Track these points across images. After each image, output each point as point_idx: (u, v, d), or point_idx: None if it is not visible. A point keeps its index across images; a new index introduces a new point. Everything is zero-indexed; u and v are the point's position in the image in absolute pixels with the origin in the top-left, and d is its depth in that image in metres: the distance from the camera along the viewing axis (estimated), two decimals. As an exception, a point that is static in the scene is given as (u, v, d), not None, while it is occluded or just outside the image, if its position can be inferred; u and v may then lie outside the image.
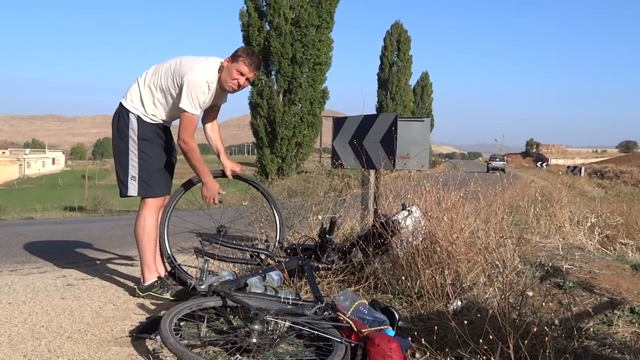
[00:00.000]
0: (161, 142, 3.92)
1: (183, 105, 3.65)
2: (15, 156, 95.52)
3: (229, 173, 4.20)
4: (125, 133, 3.81)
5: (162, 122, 3.89)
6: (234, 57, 3.76)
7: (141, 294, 3.88)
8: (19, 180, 77.42)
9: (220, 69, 3.79)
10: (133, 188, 3.83)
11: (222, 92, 3.91)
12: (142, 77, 3.84)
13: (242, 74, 3.77)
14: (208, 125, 4.22)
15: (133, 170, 3.82)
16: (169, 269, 4.06)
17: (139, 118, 3.79)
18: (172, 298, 3.81)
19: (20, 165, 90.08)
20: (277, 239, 4.25)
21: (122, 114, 3.83)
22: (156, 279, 3.88)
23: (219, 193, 3.89)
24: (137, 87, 3.82)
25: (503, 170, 36.59)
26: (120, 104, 3.85)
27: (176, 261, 4.07)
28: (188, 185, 4.16)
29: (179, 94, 3.67)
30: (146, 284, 3.88)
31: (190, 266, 4.43)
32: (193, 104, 3.66)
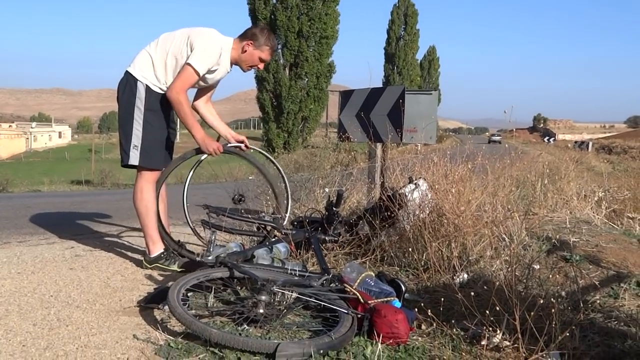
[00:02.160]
0: (166, 114, 3.85)
1: (191, 59, 3.60)
2: (21, 129, 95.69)
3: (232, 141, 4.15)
4: (132, 101, 3.73)
5: None
6: (258, 44, 3.74)
7: (148, 265, 3.89)
8: (26, 153, 77.77)
9: (234, 49, 3.76)
10: (134, 157, 3.77)
11: (225, 71, 3.87)
12: (153, 45, 3.76)
13: (262, 61, 3.80)
14: (200, 103, 4.12)
15: (136, 139, 3.76)
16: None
17: (147, 87, 3.72)
18: (179, 269, 3.83)
19: (27, 138, 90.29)
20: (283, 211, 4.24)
21: (129, 82, 3.75)
22: (162, 251, 3.88)
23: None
24: (148, 55, 3.74)
25: (499, 142, 46.52)
26: (128, 72, 3.76)
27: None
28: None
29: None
30: (152, 255, 3.88)
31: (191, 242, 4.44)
32: (200, 61, 3.60)
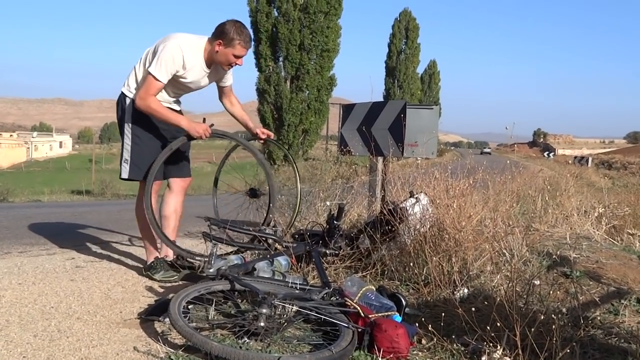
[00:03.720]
0: (156, 125, 3.86)
1: (150, 67, 3.61)
2: (22, 139, 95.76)
3: (261, 134, 4.26)
4: (122, 117, 3.84)
5: None
6: (227, 41, 3.65)
7: (144, 272, 3.98)
8: (27, 163, 77.73)
9: (207, 50, 3.73)
10: (125, 171, 3.88)
11: (215, 70, 3.88)
12: (138, 61, 3.83)
13: (237, 57, 3.75)
14: (226, 102, 4.23)
15: (126, 153, 3.85)
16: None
17: (132, 102, 3.77)
18: (158, 279, 3.85)
19: (28, 148, 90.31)
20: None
21: (120, 99, 3.87)
22: (152, 260, 3.95)
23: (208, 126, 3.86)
24: (134, 70, 3.82)
25: (490, 153, 51.63)
26: (121, 90, 3.86)
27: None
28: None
29: None
30: (147, 264, 4.00)
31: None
32: (158, 68, 3.59)
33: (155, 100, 3.66)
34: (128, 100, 3.81)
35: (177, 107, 4.02)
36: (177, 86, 3.86)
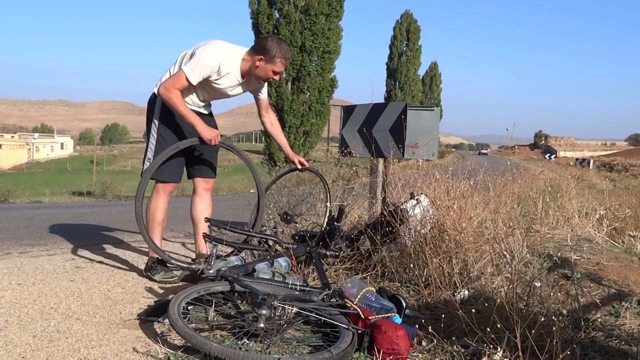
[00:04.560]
0: (182, 128, 3.94)
1: (184, 65, 3.70)
2: (24, 140, 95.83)
3: (298, 165, 4.40)
4: (150, 116, 3.93)
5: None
6: (269, 58, 3.75)
7: (145, 273, 4.02)
8: (28, 164, 77.79)
9: (245, 61, 3.80)
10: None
11: (248, 81, 3.95)
12: (173, 64, 3.89)
13: (276, 73, 3.84)
14: (266, 121, 4.34)
15: (150, 152, 3.94)
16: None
17: (162, 102, 3.83)
18: (159, 280, 3.88)
19: (29, 149, 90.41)
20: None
21: (151, 98, 3.94)
22: (155, 261, 3.99)
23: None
24: (168, 73, 3.86)
25: (487, 154, 53.15)
26: (153, 91, 3.91)
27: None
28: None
29: None
30: (148, 264, 4.02)
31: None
32: (192, 68, 3.66)
33: (178, 94, 3.72)
34: (158, 101, 3.88)
35: (205, 111, 4.09)
36: (209, 91, 3.92)
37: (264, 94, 4.23)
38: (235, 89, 3.96)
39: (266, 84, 4.14)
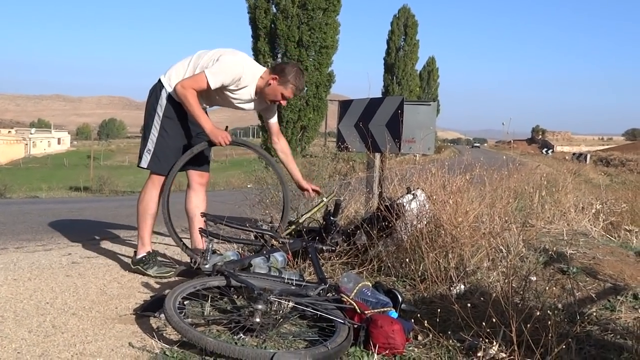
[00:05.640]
0: (186, 124, 3.94)
1: (207, 68, 3.70)
2: (21, 135, 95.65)
3: (312, 192, 4.37)
4: (153, 107, 3.89)
5: None
6: (283, 80, 3.79)
7: (132, 266, 3.98)
8: (25, 159, 77.70)
9: (262, 79, 3.83)
10: (145, 160, 3.93)
11: (259, 99, 3.95)
12: (188, 59, 3.89)
13: (285, 98, 3.86)
14: (278, 148, 4.30)
15: (151, 144, 3.92)
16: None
17: (169, 96, 3.83)
18: (154, 275, 3.88)
19: (26, 144, 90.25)
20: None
21: (156, 89, 3.90)
22: (144, 254, 3.95)
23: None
24: (181, 67, 3.86)
25: (479, 147, 51.73)
26: (159, 79, 3.90)
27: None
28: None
29: None
30: (137, 257, 3.98)
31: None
32: (215, 73, 3.68)
33: (194, 94, 3.72)
34: (164, 93, 3.85)
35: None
36: (218, 98, 3.92)
37: (274, 119, 4.22)
38: (246, 104, 3.97)
39: (276, 109, 4.16)
